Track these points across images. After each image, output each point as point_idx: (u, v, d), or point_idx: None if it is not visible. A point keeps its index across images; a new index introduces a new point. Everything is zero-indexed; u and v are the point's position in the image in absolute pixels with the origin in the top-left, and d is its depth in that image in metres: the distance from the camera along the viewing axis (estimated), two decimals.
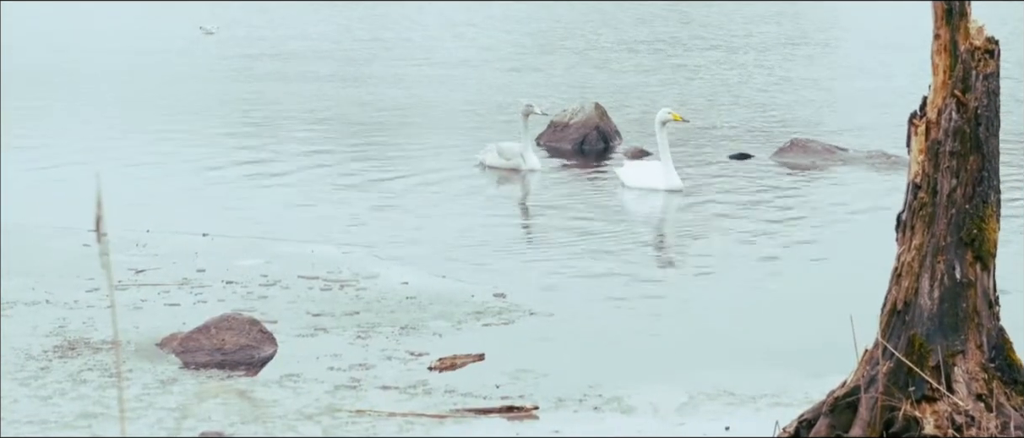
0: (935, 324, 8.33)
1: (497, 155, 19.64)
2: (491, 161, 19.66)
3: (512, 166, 19.52)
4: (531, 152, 19.69)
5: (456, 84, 31.02)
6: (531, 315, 12.14)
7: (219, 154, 21.03)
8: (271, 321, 11.58)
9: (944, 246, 8.36)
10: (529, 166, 19.50)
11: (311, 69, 33.49)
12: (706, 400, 9.97)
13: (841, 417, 8.42)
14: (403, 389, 10.09)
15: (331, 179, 19.06)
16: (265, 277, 13.21)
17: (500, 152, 19.67)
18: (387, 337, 11.37)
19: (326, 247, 14.56)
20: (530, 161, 19.55)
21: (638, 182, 18.27)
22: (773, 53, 39.18)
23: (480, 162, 19.87)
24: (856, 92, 30.32)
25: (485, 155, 19.87)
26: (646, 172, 18.46)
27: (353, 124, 24.86)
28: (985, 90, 8.38)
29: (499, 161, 19.57)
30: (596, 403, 9.87)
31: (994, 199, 8.42)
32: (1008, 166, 15.53)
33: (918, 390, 8.25)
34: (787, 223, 16.65)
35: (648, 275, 13.79)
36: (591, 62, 35.77)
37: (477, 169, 19.78)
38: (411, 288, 12.88)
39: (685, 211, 17.20)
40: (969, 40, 8.40)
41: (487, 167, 19.66)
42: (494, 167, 19.59)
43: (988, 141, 8.39)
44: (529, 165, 19.51)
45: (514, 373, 10.47)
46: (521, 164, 19.48)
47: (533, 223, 16.49)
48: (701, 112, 26.77)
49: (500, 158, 19.58)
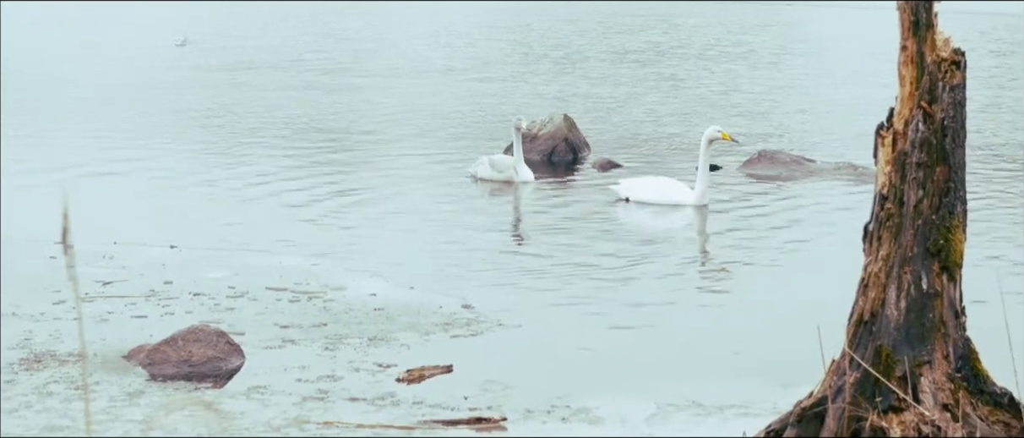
0: (902, 334, 8.35)
1: (490, 168, 19.68)
2: (483, 173, 19.69)
3: (505, 178, 19.57)
4: (523, 165, 19.76)
5: (432, 94, 31.02)
6: (499, 326, 12.13)
7: (187, 165, 20.98)
8: (239, 333, 11.54)
9: (911, 257, 8.38)
10: (522, 178, 19.57)
11: (284, 79, 33.45)
12: (674, 411, 9.97)
13: (808, 427, 8.43)
14: (371, 401, 10.07)
15: (300, 190, 19.03)
16: (233, 289, 13.18)
17: (493, 165, 19.71)
18: (355, 349, 11.35)
19: (294, 259, 14.53)
20: (523, 174, 19.62)
21: (655, 197, 18.07)
22: (749, 62, 39.28)
23: (472, 174, 19.86)
24: (827, 102, 30.42)
25: (477, 168, 19.86)
26: (661, 187, 18.23)
27: (323, 135, 24.83)
28: (952, 101, 8.41)
29: (492, 174, 19.61)
30: (564, 414, 9.86)
31: (961, 210, 8.45)
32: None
33: (885, 400, 8.26)
34: (754, 234, 16.69)
35: (616, 287, 13.79)
36: (572, 71, 35.81)
37: (468, 181, 19.78)
38: (379, 300, 12.86)
39: (652, 224, 17.22)
40: (936, 51, 8.43)
41: (479, 179, 19.67)
42: (486, 179, 19.61)
43: (955, 152, 8.41)
44: (522, 177, 19.57)
45: (482, 384, 10.46)
46: (514, 177, 19.54)
47: (504, 235, 16.48)
48: (673, 123, 26.81)
49: (493, 171, 19.62)
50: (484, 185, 19.55)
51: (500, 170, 19.65)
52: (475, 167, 19.98)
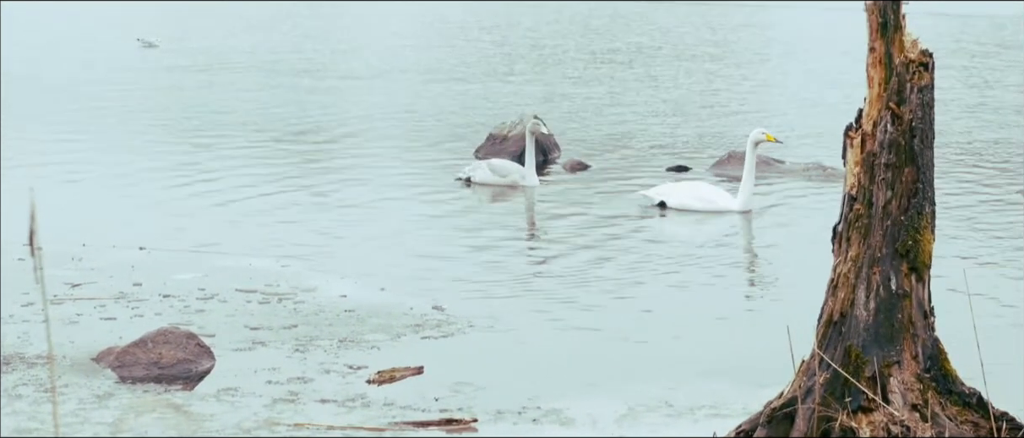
0: (871, 335, 8.37)
1: (490, 172, 19.43)
2: (482, 177, 19.42)
3: (509, 183, 19.35)
4: (532, 170, 19.51)
5: (405, 95, 31.00)
6: (470, 327, 12.13)
7: (157, 166, 20.91)
8: (209, 335, 11.52)
9: (880, 257, 8.41)
10: (528, 183, 19.33)
11: (256, 80, 33.38)
12: (645, 412, 9.99)
13: (778, 428, 8.45)
14: (341, 402, 10.06)
15: (270, 192, 18.99)
16: (203, 291, 13.14)
17: (493, 169, 19.46)
18: (325, 350, 11.33)
19: (264, 260, 14.51)
20: (530, 178, 19.38)
21: (698, 204, 17.81)
22: (722, 63, 39.36)
23: (466, 178, 19.62)
24: (798, 103, 30.50)
25: (473, 171, 19.61)
26: (703, 193, 17.93)
27: (294, 136, 24.79)
28: (920, 102, 8.44)
29: (492, 177, 19.36)
30: (535, 415, 9.87)
31: (929, 211, 8.48)
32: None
33: (854, 401, 8.29)
34: (724, 235, 16.73)
35: (588, 288, 13.81)
36: (547, 72, 35.81)
37: (458, 184, 19.58)
38: (350, 301, 12.85)
39: (623, 226, 17.24)
40: (904, 53, 8.47)
41: (476, 184, 19.45)
42: (485, 183, 19.39)
43: (923, 153, 8.45)
44: (529, 182, 19.33)
45: (453, 386, 10.46)
46: (520, 181, 19.33)
47: (475, 237, 16.47)
48: (643, 124, 26.85)
49: (494, 175, 19.38)
50: (482, 190, 19.21)
51: (503, 174, 19.39)
52: (470, 171, 19.67)
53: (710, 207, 17.78)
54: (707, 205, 17.82)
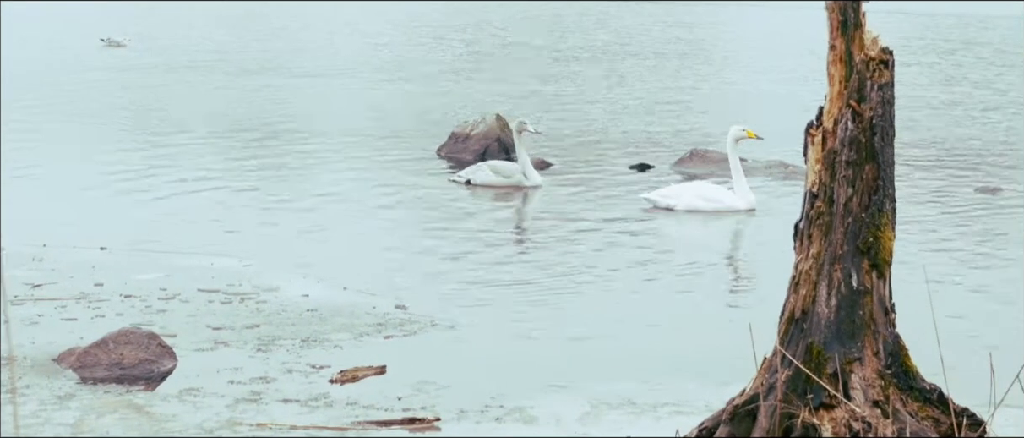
0: (832, 332, 8.40)
1: (491, 173, 19.38)
2: (483, 179, 19.37)
3: (512, 183, 19.30)
4: (531, 168, 19.49)
5: (371, 93, 30.95)
6: (433, 326, 12.13)
7: (118, 165, 20.82)
8: (170, 335, 11.47)
9: (841, 254, 8.44)
10: (532, 182, 19.30)
11: (220, 79, 33.28)
12: (608, 410, 10.00)
13: (741, 425, 8.47)
14: (304, 402, 10.03)
15: (232, 191, 18.94)
16: (164, 290, 13.10)
17: (495, 170, 19.42)
18: (288, 350, 11.30)
19: (226, 260, 14.46)
20: (532, 177, 19.35)
21: (706, 205, 17.70)
22: (686, 60, 39.42)
23: (467, 180, 19.53)
24: (761, 100, 30.59)
25: (474, 173, 19.53)
26: (710, 193, 17.82)
27: (257, 135, 24.73)
28: (880, 100, 8.47)
29: (495, 179, 19.32)
30: (498, 414, 9.87)
31: (890, 208, 8.51)
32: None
33: (816, 397, 8.32)
34: (686, 233, 16.76)
35: (550, 287, 13.82)
36: (513, 71, 35.80)
37: (456, 186, 19.45)
38: (312, 300, 12.83)
39: (586, 224, 17.25)
40: (864, 50, 8.50)
41: (477, 185, 19.37)
42: (488, 185, 19.32)
43: (883, 150, 8.48)
44: (532, 181, 19.31)
45: (416, 385, 10.45)
46: (523, 181, 19.30)
47: (438, 236, 16.46)
48: (605, 121, 26.89)
49: (497, 176, 19.33)
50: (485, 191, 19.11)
51: (506, 175, 19.33)
52: (470, 173, 19.57)
53: (717, 207, 17.68)
54: (714, 205, 17.73)
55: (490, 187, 19.31)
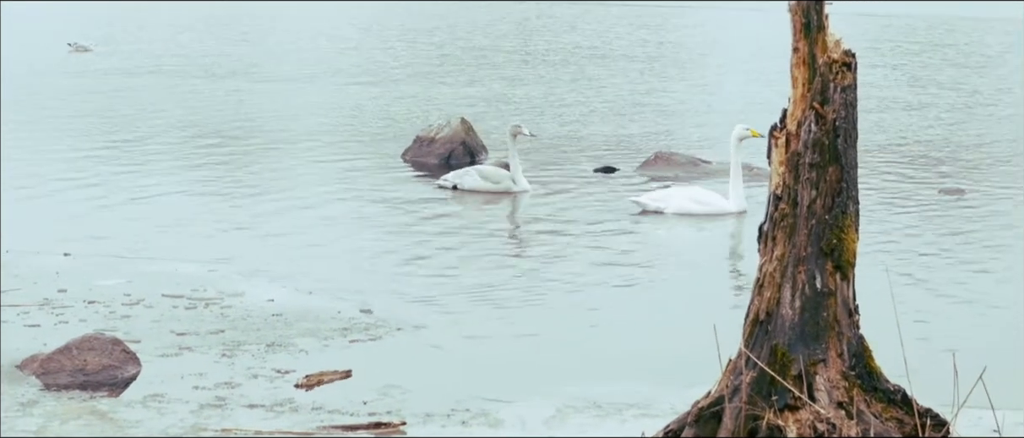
0: (797, 333, 8.42)
1: (479, 178, 19.16)
2: (471, 185, 19.15)
3: (501, 189, 19.13)
4: (521, 174, 19.30)
5: (336, 97, 30.89)
6: (398, 331, 12.11)
7: (81, 170, 20.73)
8: (134, 341, 11.42)
9: (805, 256, 8.46)
10: (520, 188, 19.12)
11: (184, 84, 33.18)
12: (573, 413, 10.00)
13: (706, 427, 8.49)
14: (269, 407, 10.01)
15: (196, 196, 18.87)
16: (128, 296, 13.04)
17: (483, 175, 19.21)
18: (253, 355, 11.27)
19: (191, 265, 14.41)
20: (521, 183, 19.16)
21: (698, 208, 17.52)
22: (653, 64, 39.48)
23: (448, 185, 19.34)
24: (728, 103, 30.66)
25: (462, 178, 19.31)
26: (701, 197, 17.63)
27: (221, 139, 24.65)
28: (843, 102, 8.50)
29: (483, 184, 19.10)
30: (464, 417, 9.86)
31: (853, 209, 8.54)
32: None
33: (781, 399, 8.34)
34: (651, 235, 16.77)
35: (515, 290, 13.82)
36: (481, 74, 35.79)
37: (439, 191, 19.30)
38: (277, 305, 12.79)
39: (550, 226, 17.26)
40: (827, 53, 8.52)
41: (463, 190, 19.18)
42: (475, 190, 19.12)
43: (847, 152, 8.50)
44: (520, 187, 19.12)
45: (381, 389, 10.44)
46: (512, 187, 19.13)
47: (404, 240, 16.44)
48: (572, 124, 26.89)
49: (485, 182, 19.11)
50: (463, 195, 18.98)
51: (495, 181, 19.13)
52: (457, 178, 19.37)
53: (708, 210, 17.59)
54: (705, 208, 17.63)
55: (478, 192, 19.13)
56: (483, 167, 19.72)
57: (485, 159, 22.22)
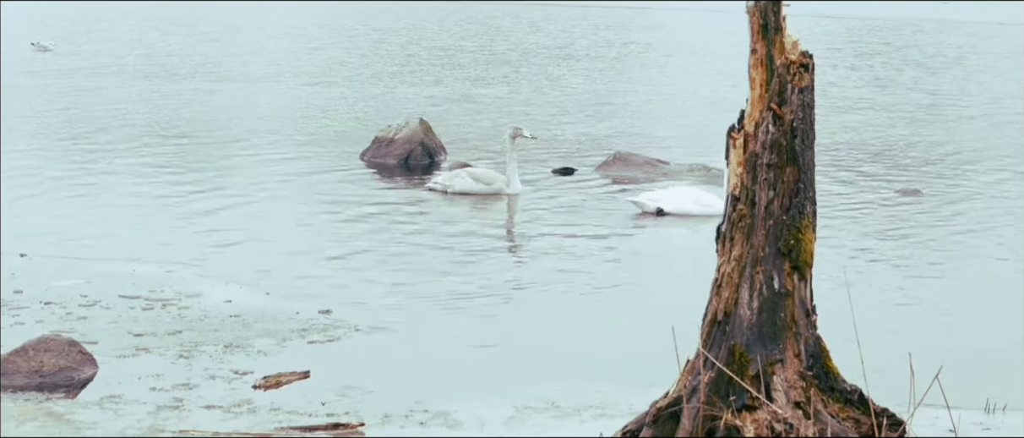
0: (754, 334, 8.44)
1: (471, 181, 18.99)
2: (463, 187, 18.99)
3: (493, 191, 18.99)
4: (516, 176, 19.15)
5: (294, 97, 30.80)
6: (357, 331, 12.08)
7: (38, 170, 20.61)
8: (91, 342, 11.36)
9: (762, 257, 8.48)
10: (513, 190, 18.97)
11: (146, 83, 33.03)
12: (532, 413, 10.00)
13: (664, 427, 8.50)
14: (227, 408, 9.97)
15: (154, 196, 18.79)
16: (85, 297, 12.97)
17: (476, 177, 19.05)
18: (210, 356, 11.22)
19: (148, 266, 14.34)
20: (514, 185, 19.02)
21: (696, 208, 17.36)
22: (615, 63, 39.54)
23: (439, 188, 19.19)
24: (689, 102, 30.72)
25: (452, 180, 19.16)
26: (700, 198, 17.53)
27: (181, 139, 24.55)
28: (800, 103, 8.52)
29: (474, 186, 18.94)
30: (422, 418, 9.85)
31: (810, 210, 8.56)
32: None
33: (739, 399, 8.35)
34: (609, 237, 16.79)
35: (474, 291, 13.80)
36: (444, 74, 35.76)
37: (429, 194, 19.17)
38: (235, 306, 12.74)
39: (511, 227, 17.26)
40: (784, 54, 8.54)
41: (456, 193, 19.01)
42: (466, 192, 18.98)
43: (804, 153, 8.53)
44: (513, 189, 18.98)
45: (340, 390, 10.41)
46: (504, 189, 18.98)
47: (362, 240, 16.40)
48: (536, 124, 26.91)
49: (478, 183, 18.95)
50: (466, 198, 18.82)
51: (487, 182, 18.98)
52: (447, 180, 19.21)
53: (707, 211, 17.51)
54: (705, 209, 17.58)
55: (469, 194, 18.96)
56: (475, 169, 19.56)
57: (444, 160, 22.20)
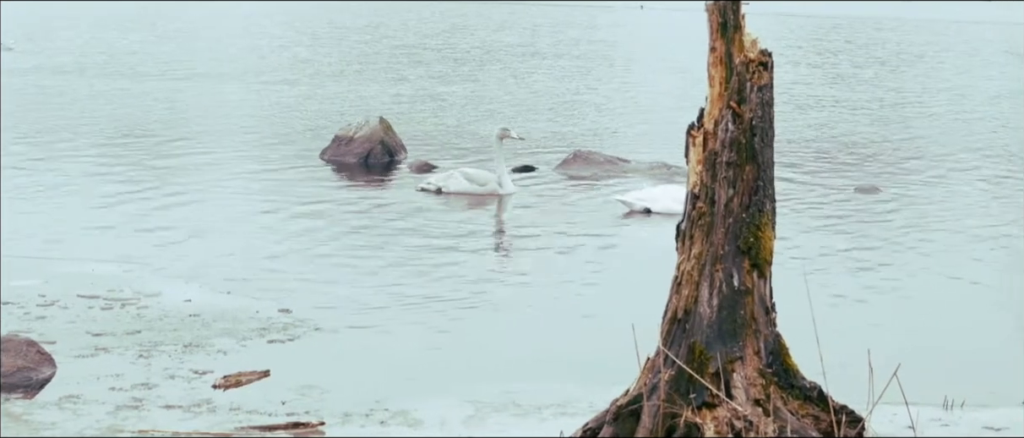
0: (714, 331, 8.47)
1: (465, 181, 18.93)
2: (456, 187, 18.93)
3: (486, 191, 18.92)
4: (507, 176, 19.12)
5: (255, 95, 30.71)
6: (317, 330, 12.06)
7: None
8: (49, 342, 11.30)
9: (722, 255, 8.50)
10: (506, 190, 18.93)
11: (108, 82, 32.88)
12: (492, 412, 10.00)
13: (624, 425, 8.51)
14: (187, 408, 9.93)
15: (114, 195, 18.70)
16: (43, 297, 12.90)
17: (469, 178, 18.99)
18: (170, 356, 11.18)
19: (106, 265, 14.28)
20: (507, 186, 18.98)
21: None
22: (574, 61, 39.56)
23: (431, 188, 19.11)
24: (652, 100, 30.77)
25: (446, 181, 19.09)
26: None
27: (139, 138, 24.45)
28: (759, 101, 8.55)
29: (468, 187, 18.87)
30: (383, 417, 9.84)
31: (770, 208, 8.59)
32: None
33: (699, 397, 8.38)
34: (569, 235, 16.80)
35: (438, 290, 13.80)
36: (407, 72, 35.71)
37: (421, 194, 19.08)
38: (194, 305, 12.70)
39: (469, 226, 17.25)
40: (743, 52, 8.57)
41: (449, 193, 18.94)
42: (461, 193, 18.89)
43: (763, 151, 8.56)
44: (506, 190, 18.93)
45: (300, 389, 10.39)
46: (497, 189, 18.93)
47: (324, 239, 16.37)
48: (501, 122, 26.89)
49: (471, 184, 18.88)
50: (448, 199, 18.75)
51: (481, 183, 18.91)
52: (439, 180, 19.14)
53: None
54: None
55: (463, 195, 18.87)
56: (469, 169, 19.47)
57: (404, 159, 22.17)
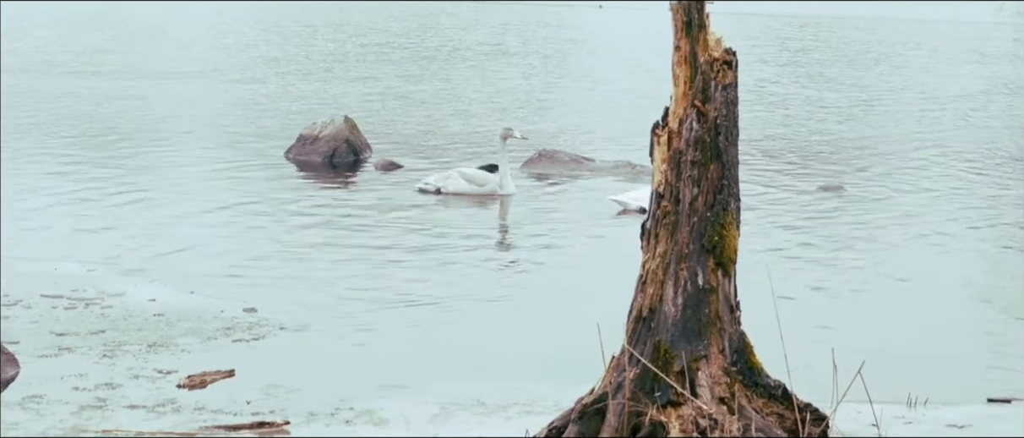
0: (679, 330, 8.49)
1: (464, 181, 18.80)
2: (455, 187, 18.79)
3: (486, 192, 18.79)
4: (509, 177, 18.98)
5: (220, 94, 30.63)
6: (282, 330, 12.04)
7: None
8: (12, 342, 11.25)
9: (687, 253, 8.53)
10: (506, 191, 18.79)
11: (70, 81, 32.73)
12: (458, 410, 10.00)
13: (590, 424, 8.53)
14: (151, 408, 9.90)
15: (75, 194, 18.63)
16: (7, 296, 12.84)
17: (468, 178, 18.86)
18: (134, 355, 11.15)
19: (70, 264, 14.22)
20: (507, 186, 18.85)
21: None
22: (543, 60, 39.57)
23: (430, 188, 18.96)
24: (619, 99, 30.81)
25: (445, 181, 18.95)
26: None
27: (102, 137, 24.36)
28: (724, 100, 8.57)
29: (468, 187, 18.74)
30: (348, 416, 9.83)
31: (734, 207, 8.62)
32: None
33: (663, 395, 8.40)
34: (533, 233, 16.81)
35: (400, 288, 13.79)
36: (374, 71, 35.67)
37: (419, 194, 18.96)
38: (159, 305, 12.66)
39: (436, 224, 17.24)
40: (708, 51, 8.59)
41: (448, 193, 18.78)
42: (460, 193, 18.74)
43: (728, 150, 8.58)
44: (506, 190, 18.80)
45: (265, 388, 10.37)
46: (497, 189, 18.80)
47: (289, 237, 16.34)
48: (457, 121, 26.88)
49: (470, 184, 18.75)
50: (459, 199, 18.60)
51: (480, 184, 18.78)
52: (438, 180, 18.98)
53: None
54: None
55: (462, 195, 18.73)
56: (467, 170, 19.35)
57: (369, 157, 22.14)
